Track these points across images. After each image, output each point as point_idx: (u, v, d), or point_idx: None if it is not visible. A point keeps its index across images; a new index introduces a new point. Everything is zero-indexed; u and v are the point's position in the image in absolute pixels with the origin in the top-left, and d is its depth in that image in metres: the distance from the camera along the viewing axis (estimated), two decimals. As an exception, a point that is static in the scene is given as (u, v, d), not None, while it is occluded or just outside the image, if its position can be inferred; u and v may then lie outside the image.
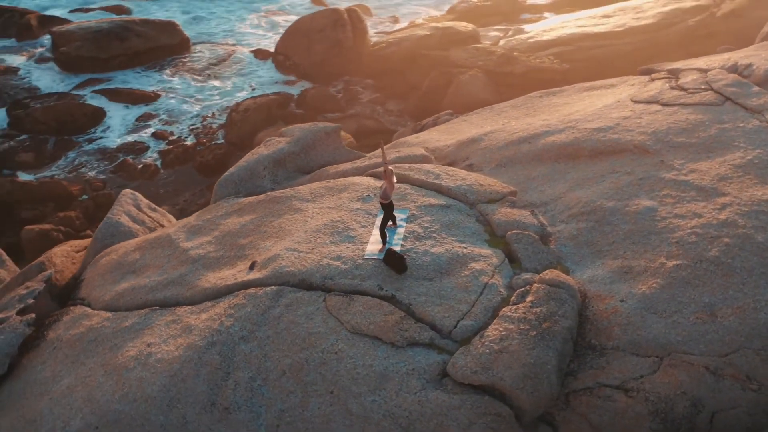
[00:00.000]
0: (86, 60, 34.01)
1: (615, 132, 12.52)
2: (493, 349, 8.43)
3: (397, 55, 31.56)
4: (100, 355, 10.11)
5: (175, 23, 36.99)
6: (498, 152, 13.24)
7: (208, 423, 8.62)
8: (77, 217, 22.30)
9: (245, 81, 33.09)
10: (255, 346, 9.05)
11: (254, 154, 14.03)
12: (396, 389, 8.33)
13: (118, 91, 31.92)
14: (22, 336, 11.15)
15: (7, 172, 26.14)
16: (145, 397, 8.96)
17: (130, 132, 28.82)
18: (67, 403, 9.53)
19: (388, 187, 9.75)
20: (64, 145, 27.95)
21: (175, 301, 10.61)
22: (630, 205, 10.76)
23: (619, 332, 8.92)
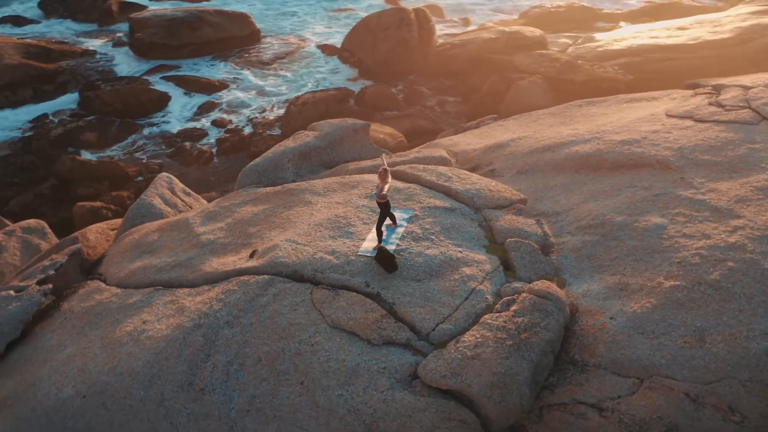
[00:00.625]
0: (159, 46, 35.38)
1: (640, 146, 12.21)
2: (465, 355, 8.40)
3: (462, 57, 31.52)
4: (102, 329, 10.56)
5: (248, 15, 37.99)
6: (521, 159, 13.11)
7: (183, 402, 8.91)
8: (128, 197, 23.23)
9: (309, 75, 33.68)
10: (237, 332, 9.30)
11: (281, 146, 14.33)
12: (364, 386, 8.40)
13: (185, 79, 33.05)
14: (36, 305, 11.75)
15: (71, 149, 27.48)
16: (130, 371, 9.34)
17: (191, 118, 29.80)
18: (64, 371, 10.01)
19: (382, 186, 9.82)
20: (128, 127, 29.13)
21: (178, 282, 10.97)
22: (640, 221, 10.49)
23: (603, 350, 8.73)
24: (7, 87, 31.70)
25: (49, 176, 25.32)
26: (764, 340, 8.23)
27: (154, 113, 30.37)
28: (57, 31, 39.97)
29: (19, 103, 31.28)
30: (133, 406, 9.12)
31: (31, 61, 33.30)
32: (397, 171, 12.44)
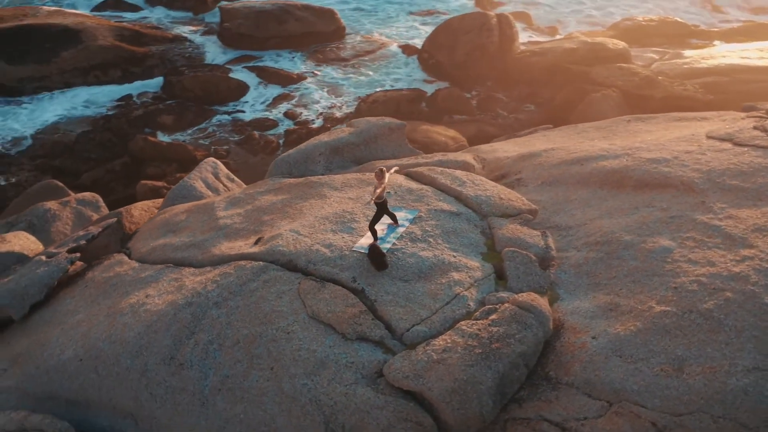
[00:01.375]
0: (244, 37, 36.57)
1: (668, 165, 11.82)
2: (431, 358, 8.43)
3: (540, 65, 31.10)
4: (112, 299, 11.16)
5: (334, 11, 38.71)
6: (549, 170, 12.93)
7: (163, 374, 9.33)
8: (190, 179, 24.12)
9: (387, 74, 34.02)
10: (223, 313, 9.64)
11: (315, 140, 14.66)
12: (329, 378, 8.56)
13: (265, 70, 34.03)
14: (62, 271, 12.50)
15: (148, 130, 28.82)
16: (122, 340, 9.84)
17: (265, 108, 30.65)
18: (70, 335, 10.65)
19: (378, 187, 9.93)
20: (203, 113, 30.28)
21: (188, 262, 11.44)
22: (648, 242, 10.18)
23: (578, 369, 8.56)
24: (98, 67, 33.54)
25: (123, 154, 26.63)
26: (745, 377, 7.88)
27: (231, 101, 31.41)
28: (154, 17, 41.91)
29: (107, 83, 33.02)
30: (119, 373, 9.62)
31: (123, 44, 35.09)
32: (415, 172, 12.52)
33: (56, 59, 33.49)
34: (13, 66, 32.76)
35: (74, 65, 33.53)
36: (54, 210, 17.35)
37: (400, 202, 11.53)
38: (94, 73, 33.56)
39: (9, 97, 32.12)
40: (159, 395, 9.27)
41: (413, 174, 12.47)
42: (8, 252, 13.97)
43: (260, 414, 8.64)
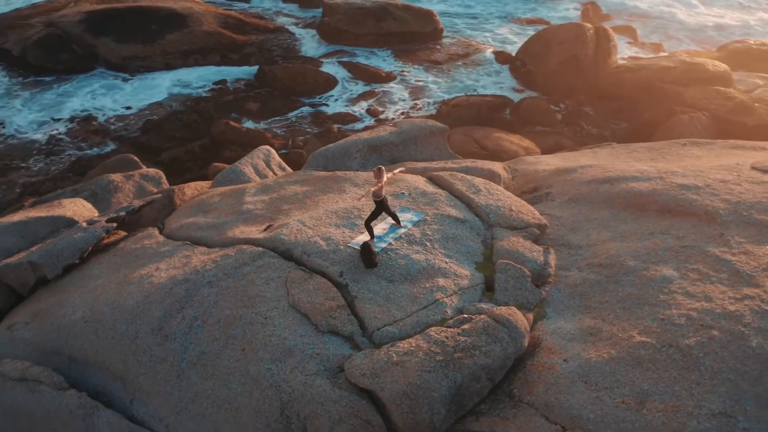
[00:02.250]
0: (342, 32, 37.32)
1: (697, 193, 11.30)
2: (391, 360, 8.49)
3: (632, 81, 30.11)
4: (129, 269, 11.81)
5: (433, 13, 38.85)
6: (578, 187, 12.64)
7: (150, 343, 9.83)
8: (261, 166, 24.93)
9: (476, 80, 33.87)
10: (213, 292, 10.04)
11: (355, 137, 14.91)
12: (292, 366, 8.79)
13: (356, 66, 34.61)
14: (96, 238, 13.28)
15: (234, 115, 29.97)
16: (121, 307, 10.43)
17: (349, 104, 31.20)
18: (85, 298, 11.36)
19: (377, 185, 10.04)
20: (289, 103, 31.17)
21: (203, 241, 11.94)
22: (650, 269, 9.81)
23: (541, 390, 8.40)
24: (199, 51, 35.12)
25: (205, 136, 27.82)
26: (707, 421, 7.52)
27: (318, 94, 32.15)
28: (262, 7, 43.39)
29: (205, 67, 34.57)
30: (114, 337, 10.20)
31: (225, 31, 36.57)
32: (436, 176, 12.55)
33: (161, 41, 35.30)
34: (120, 44, 34.79)
35: (177, 48, 35.23)
36: (117, 182, 18.39)
37: (411, 203, 11.60)
38: (194, 56, 35.14)
39: (115, 72, 34.11)
40: (144, 362, 9.77)
41: (434, 177, 12.50)
42: (60, 216, 14.96)
43: (225, 392, 8.98)
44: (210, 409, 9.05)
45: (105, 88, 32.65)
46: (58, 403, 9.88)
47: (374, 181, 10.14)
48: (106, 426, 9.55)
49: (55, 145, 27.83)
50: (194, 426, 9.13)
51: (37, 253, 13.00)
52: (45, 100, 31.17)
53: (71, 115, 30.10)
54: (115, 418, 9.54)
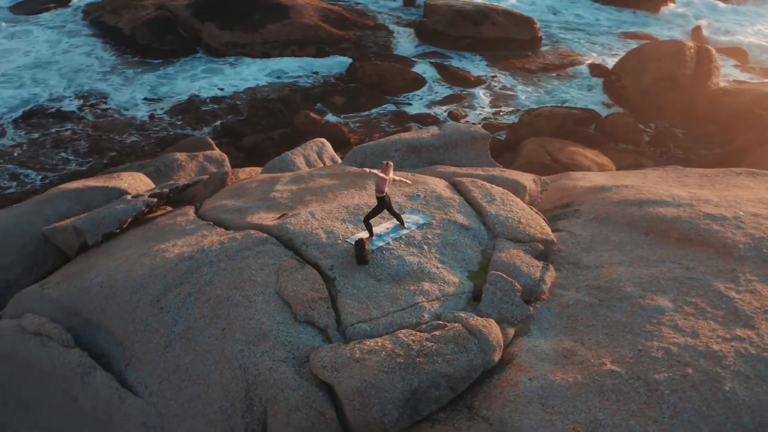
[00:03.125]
0: (438, 34, 37.40)
1: (722, 224, 10.71)
2: (354, 356, 8.57)
3: (729, 106, 28.60)
4: (154, 242, 12.40)
5: (533, 21, 38.25)
6: (607, 206, 12.23)
7: (147, 313, 10.33)
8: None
9: (565, 91, 33.15)
10: (211, 272, 10.43)
11: (396, 136, 15.00)
12: (263, 350, 9.03)
13: (447, 68, 34.61)
14: (135, 210, 13.98)
15: (318, 107, 30.65)
16: (132, 277, 11.01)
17: (433, 105, 31.25)
18: (109, 265, 12.03)
19: (380, 181, 10.12)
20: (374, 100, 31.55)
21: (224, 223, 12.36)
22: (647, 298, 9.42)
23: (498, 406, 8.26)
24: (297, 43, 36.09)
25: (287, 125, 28.59)
26: (654, 459, 7.20)
27: (404, 93, 32.36)
28: (366, 3, 43.99)
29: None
30: (120, 304, 10.77)
31: (324, 25, 37.39)
32: (457, 181, 12.48)
33: (261, 30, 36.49)
34: (222, 31, 36.23)
35: (276, 38, 36.32)
36: (181, 161, 19.23)
37: (423, 206, 11.58)
38: (292, 47, 36.13)
39: (215, 57, 35.52)
40: (139, 331, 10.27)
41: (455, 183, 12.43)
42: (114, 187, 15.83)
43: (201, 367, 9.33)
44: (186, 382, 9.43)
45: (204, 71, 34.10)
46: (62, 359, 10.51)
47: (386, 178, 10.18)
48: (99, 386, 10.10)
49: (150, 123, 29.37)
50: (172, 396, 9.53)
51: (82, 220, 13.81)
52: (147, 79, 32.89)
53: (169, 94, 31.63)
54: (107, 380, 10.06)
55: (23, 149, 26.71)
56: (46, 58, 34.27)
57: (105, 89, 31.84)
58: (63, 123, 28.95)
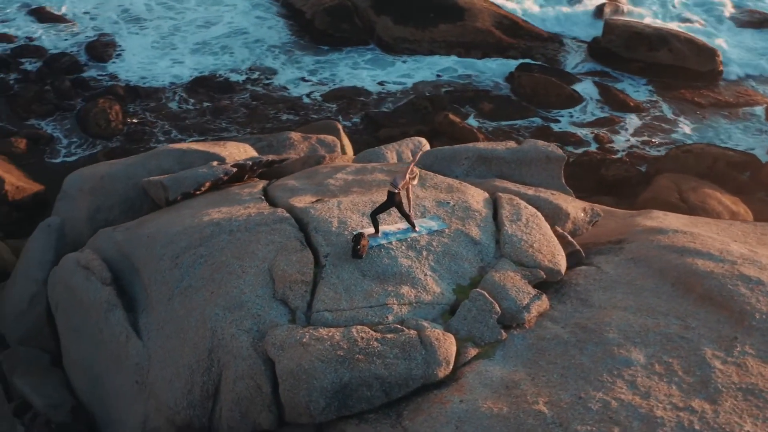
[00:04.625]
0: (610, 54, 35.76)
1: (751, 288, 9.69)
2: (302, 340, 8.87)
3: None
4: (209, 207, 13.20)
5: (716, 52, 35.34)
6: (650, 249, 11.41)
7: (165, 267, 11.27)
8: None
9: (729, 130, 30.50)
10: (227, 240, 11.09)
11: (470, 144, 14.86)
12: (233, 318, 9.58)
13: (608, 89, 33.02)
14: (213, 176, 14.95)
15: (466, 109, 30.66)
16: (169, 233, 12.07)
17: (581, 125, 30.13)
18: (165, 220, 13.12)
19: (399, 177, 10.17)
20: (523, 111, 30.90)
21: (273, 201, 12.94)
22: (624, 347, 8.83)
23: (420, 420, 8.26)
24: (463, 45, 36.18)
25: (427, 123, 28.93)
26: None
27: (556, 109, 31.47)
28: (546, 14, 43.01)
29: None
30: (151, 255, 11.80)
31: (496, 31, 37.15)
32: (498, 195, 12.22)
33: (433, 29, 36.93)
34: (396, 25, 37.08)
35: (445, 38, 36.62)
36: (293, 140, 20.21)
37: (448, 214, 11.48)
38: (458, 49, 36.26)
39: (383, 51, 36.53)
40: (157, 281, 11.19)
41: (495, 197, 12.19)
42: (214, 153, 17.01)
43: (185, 323, 10.06)
44: (172, 334, 10.20)
45: (368, 62, 35.17)
46: (97, 294, 11.68)
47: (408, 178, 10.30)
48: (115, 323, 11.15)
49: (306, 104, 30.80)
50: (160, 344, 10.35)
51: (169, 178, 15.09)
52: (313, 62, 34.52)
53: (330, 80, 33.03)
54: (122, 319, 11.08)
55: (187, 114, 29.10)
56: (236, 30, 36.88)
57: (273, 66, 33.80)
58: (227, 92, 31.14)
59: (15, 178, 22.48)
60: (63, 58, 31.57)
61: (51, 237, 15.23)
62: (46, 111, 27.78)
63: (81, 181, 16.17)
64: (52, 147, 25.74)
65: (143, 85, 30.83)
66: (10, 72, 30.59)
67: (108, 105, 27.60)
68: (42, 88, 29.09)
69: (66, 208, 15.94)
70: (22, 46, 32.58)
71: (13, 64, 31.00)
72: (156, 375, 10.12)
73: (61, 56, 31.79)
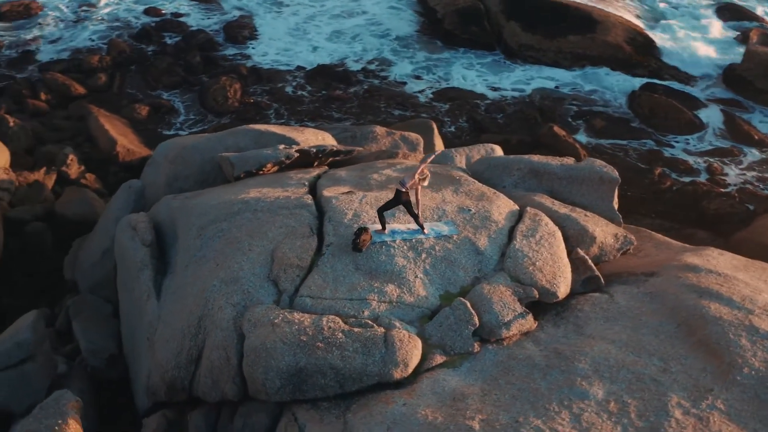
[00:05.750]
0: (744, 82, 33.38)
1: (754, 342, 8.93)
2: (274, 321, 9.23)
3: None
4: (257, 186, 13.66)
5: None
6: (673, 286, 10.71)
7: (192, 236, 11.99)
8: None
9: None
10: (248, 218, 11.62)
11: (523, 156, 14.53)
12: (226, 291, 10.17)
13: (733, 119, 30.76)
14: (275, 158, 15.26)
15: (577, 123, 29.78)
16: (206, 204, 12.66)
17: (696, 153, 28.46)
18: (215, 194, 13.65)
19: (408, 176, 10.22)
20: (636, 132, 29.54)
21: (316, 189, 13.19)
22: (587, 380, 8.50)
23: (361, 416, 8.48)
24: (588, 58, 35.02)
25: (532, 133, 28.37)
26: None
27: (673, 134, 29.87)
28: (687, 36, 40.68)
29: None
30: (186, 224, 12.56)
31: (627, 47, 35.64)
32: (526, 210, 11.91)
33: (561, 39, 35.99)
34: (524, 32, 36.47)
35: (572, 49, 35.62)
36: (377, 134, 20.49)
37: (465, 221, 11.35)
38: (582, 62, 35.19)
39: (507, 57, 36.10)
40: (182, 248, 11.94)
41: (524, 210, 11.94)
42: (290, 137, 17.60)
43: (189, 290, 10.67)
44: (179, 299, 10.89)
45: (486, 66, 34.85)
46: (136, 253, 12.57)
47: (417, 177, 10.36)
48: (143, 282, 12.00)
49: (417, 101, 30.95)
50: (168, 307, 11.05)
51: (237, 156, 15.80)
52: (433, 60, 34.66)
53: (442, 78, 33.06)
54: (147, 280, 11.91)
55: (301, 99, 30.09)
56: (369, 22, 37.63)
57: (394, 59, 34.21)
58: (344, 82, 31.89)
59: (128, 141, 24.29)
60: (199, 35, 33.49)
61: (130, 197, 16.35)
62: (173, 83, 29.64)
63: (167, 150, 17.22)
64: (170, 117, 27.48)
65: (268, 67, 32.14)
66: (150, 43, 32.87)
67: (229, 83, 29.09)
68: (175, 62, 31.01)
69: (151, 172, 17.09)
70: (166, 21, 34.87)
71: (155, 37, 33.26)
72: (160, 334, 10.78)
73: (198, 33, 33.72)
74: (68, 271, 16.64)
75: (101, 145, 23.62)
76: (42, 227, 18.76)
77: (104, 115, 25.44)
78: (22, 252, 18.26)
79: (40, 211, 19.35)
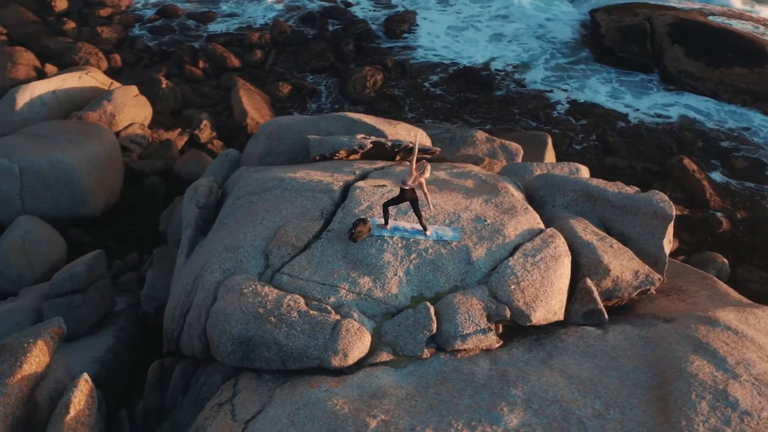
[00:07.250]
0: None
1: (715, 407, 7.99)
2: (243, 290, 9.62)
3: None
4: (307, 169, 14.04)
5: None
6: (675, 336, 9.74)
7: (229, 204, 12.72)
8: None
9: None
10: (276, 195, 12.15)
11: (584, 178, 13.80)
12: (223, 257, 10.79)
13: None
14: (347, 146, 15.57)
15: (714, 162, 27.50)
16: (252, 180, 13.17)
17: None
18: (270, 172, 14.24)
19: (407, 174, 10.20)
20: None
21: (361, 178, 13.44)
22: (509, 407, 8.11)
23: (285, 392, 8.66)
24: (752, 93, 32.00)
25: (658, 163, 26.57)
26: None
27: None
28: None
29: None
30: (236, 193, 13.00)
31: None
32: (548, 230, 11.39)
33: (725, 69, 33.24)
34: (686, 58, 34.07)
35: (734, 82, 32.79)
36: (476, 138, 20.04)
37: (476, 231, 11.02)
38: (743, 97, 32.26)
39: (662, 82, 33.93)
40: (222, 213, 12.44)
41: (552, 228, 11.47)
42: (379, 129, 17.83)
43: (203, 251, 11.43)
44: (195, 258, 11.63)
45: (634, 87, 32.91)
46: (188, 213, 13.48)
47: (415, 173, 10.32)
48: (184, 239, 12.87)
49: (551, 113, 29.98)
50: (192, 263, 11.74)
51: (316, 139, 16.34)
52: (581, 75, 33.32)
53: (585, 95, 31.70)
54: (186, 237, 12.89)
55: (436, 98, 30.11)
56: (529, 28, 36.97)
57: (540, 67, 33.22)
58: (483, 86, 31.52)
59: (260, 115, 25.70)
60: (359, 24, 34.46)
61: (225, 164, 17.43)
62: (321, 67, 30.82)
63: (268, 126, 18.13)
64: (309, 99, 28.60)
65: (415, 63, 32.44)
66: (313, 27, 34.28)
67: (371, 73, 29.81)
68: (329, 47, 32.14)
69: (252, 145, 18.13)
70: (333, 7, 36.21)
71: (318, 21, 34.66)
72: (173, 288, 11.51)
73: (359, 22, 34.72)
74: (163, 224, 18.06)
75: (235, 116, 25.20)
76: (158, 181, 20.48)
77: (247, 88, 27.05)
78: (138, 201, 20.03)
79: (160, 166, 21.10)
